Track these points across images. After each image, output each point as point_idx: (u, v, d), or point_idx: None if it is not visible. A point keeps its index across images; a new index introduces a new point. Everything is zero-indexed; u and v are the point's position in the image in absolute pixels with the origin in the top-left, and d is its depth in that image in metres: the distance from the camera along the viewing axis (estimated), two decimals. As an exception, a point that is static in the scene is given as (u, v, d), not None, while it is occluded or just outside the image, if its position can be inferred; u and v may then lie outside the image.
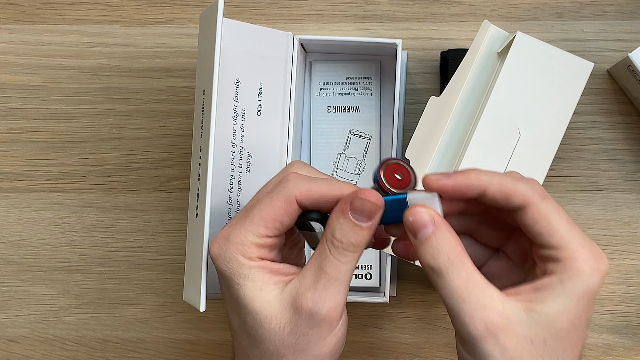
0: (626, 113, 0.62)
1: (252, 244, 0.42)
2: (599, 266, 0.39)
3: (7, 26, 0.65)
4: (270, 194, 0.43)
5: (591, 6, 0.62)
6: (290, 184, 0.43)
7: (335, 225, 0.42)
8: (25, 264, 0.64)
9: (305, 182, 0.43)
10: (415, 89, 0.63)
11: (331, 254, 0.41)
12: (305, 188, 0.42)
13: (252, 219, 0.43)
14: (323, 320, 0.41)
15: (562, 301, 0.39)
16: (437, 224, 0.40)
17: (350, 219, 0.41)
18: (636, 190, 0.61)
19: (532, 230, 0.40)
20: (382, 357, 0.62)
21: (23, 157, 0.64)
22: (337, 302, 0.42)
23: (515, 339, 0.39)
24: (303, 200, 0.42)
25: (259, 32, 0.57)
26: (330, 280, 0.41)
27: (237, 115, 0.56)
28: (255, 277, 0.42)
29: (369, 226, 0.42)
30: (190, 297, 0.48)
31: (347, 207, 0.42)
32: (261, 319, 0.42)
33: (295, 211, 0.43)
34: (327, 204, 0.43)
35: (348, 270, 0.42)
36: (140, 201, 0.64)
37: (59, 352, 0.64)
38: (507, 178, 0.41)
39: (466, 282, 0.39)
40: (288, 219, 0.43)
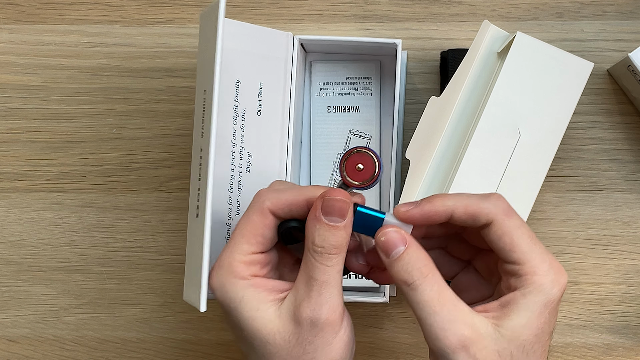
0: (626, 113, 0.62)
1: (240, 263, 0.43)
2: (559, 279, 0.42)
3: (7, 26, 0.65)
4: (246, 213, 0.45)
5: (591, 6, 0.62)
6: (260, 198, 0.44)
7: (313, 231, 0.43)
8: (25, 264, 0.64)
9: (274, 192, 0.44)
10: (415, 89, 0.63)
11: (316, 260, 0.42)
12: (275, 197, 0.44)
13: (234, 239, 0.44)
14: (325, 325, 0.42)
15: (525, 315, 0.41)
16: (408, 243, 0.42)
17: (325, 223, 0.42)
18: (636, 190, 0.61)
19: (496, 246, 0.42)
20: (382, 357, 0.62)
21: (23, 157, 0.64)
22: (334, 304, 0.42)
23: (485, 352, 0.41)
24: (275, 209, 0.44)
25: (259, 32, 0.57)
26: (322, 285, 0.42)
27: (238, 115, 0.56)
28: (251, 297, 0.43)
29: (344, 225, 0.43)
30: (190, 297, 0.48)
31: (319, 211, 0.43)
32: (265, 336, 0.43)
33: (271, 222, 0.44)
34: (298, 209, 0.44)
35: (336, 272, 0.43)
36: (140, 201, 0.64)
37: (59, 352, 0.64)
38: (471, 199, 0.43)
39: (438, 296, 0.41)
40: (267, 230, 0.44)
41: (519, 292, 0.41)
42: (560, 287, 0.42)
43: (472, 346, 0.40)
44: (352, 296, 0.57)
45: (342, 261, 0.43)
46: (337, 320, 0.43)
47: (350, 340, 0.44)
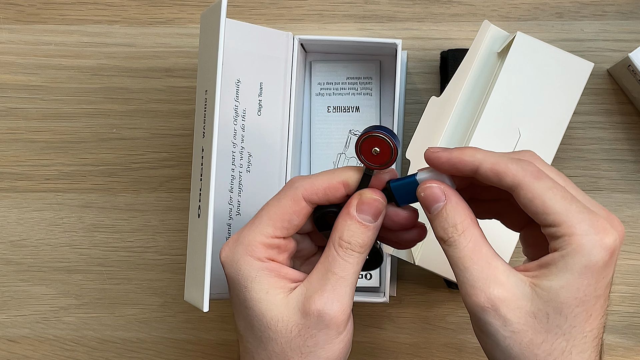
0: (626, 113, 0.62)
1: (260, 244, 0.43)
2: (601, 239, 0.38)
3: (7, 26, 0.65)
4: (277, 196, 0.44)
5: (591, 6, 0.62)
6: (295, 184, 0.44)
7: (343, 226, 0.42)
8: (25, 264, 0.64)
9: (308, 178, 0.44)
10: (415, 89, 0.63)
11: (339, 255, 0.42)
12: (309, 183, 0.43)
13: (261, 220, 0.43)
14: (331, 322, 0.42)
15: (564, 276, 0.38)
16: (447, 197, 0.41)
17: (357, 220, 0.42)
18: (636, 190, 0.61)
19: (530, 211, 0.40)
20: (382, 357, 0.62)
21: (23, 157, 0.64)
22: (345, 303, 0.42)
23: (518, 313, 0.39)
24: (309, 195, 0.43)
25: (259, 32, 0.57)
26: (339, 281, 0.42)
27: (238, 115, 0.56)
28: (262, 279, 0.43)
29: (375, 226, 0.42)
30: (192, 297, 0.48)
31: (354, 208, 0.42)
32: (267, 321, 0.42)
33: (302, 209, 0.43)
34: (334, 191, 0.43)
35: (355, 272, 0.42)
36: (140, 201, 0.64)
37: (59, 352, 0.64)
38: (501, 157, 0.41)
39: (472, 253, 0.40)
40: (296, 217, 0.43)
41: (557, 254, 0.39)
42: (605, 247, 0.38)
43: (502, 306, 0.39)
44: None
45: (362, 263, 0.43)
46: (344, 320, 0.42)
47: (350, 344, 0.44)
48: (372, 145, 0.42)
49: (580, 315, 0.39)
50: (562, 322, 0.39)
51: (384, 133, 0.42)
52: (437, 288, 0.62)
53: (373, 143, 0.42)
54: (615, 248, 0.39)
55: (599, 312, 0.40)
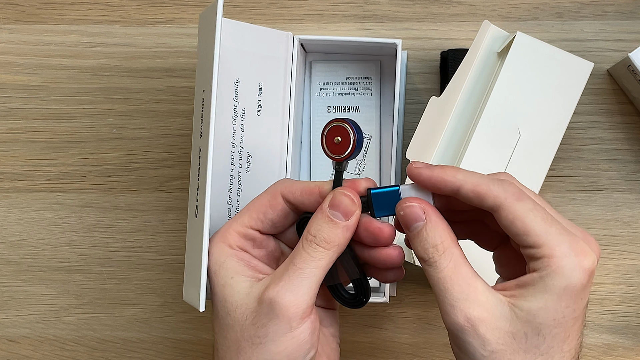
0: (626, 113, 0.62)
1: (234, 232, 0.44)
2: (581, 261, 0.39)
3: (7, 26, 0.65)
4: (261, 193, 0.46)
5: (591, 6, 0.62)
6: (277, 183, 0.45)
7: (312, 221, 0.43)
8: (25, 264, 0.64)
9: (289, 180, 0.45)
10: (415, 89, 0.63)
11: (302, 247, 0.42)
12: (289, 183, 0.45)
13: (241, 212, 0.45)
14: (281, 312, 0.41)
15: (542, 297, 0.39)
16: (428, 216, 0.41)
17: (327, 215, 0.42)
18: (636, 190, 0.61)
19: (510, 232, 0.40)
20: (382, 357, 0.62)
21: (23, 157, 0.64)
22: (300, 296, 0.41)
23: (497, 333, 0.39)
24: (286, 192, 0.44)
25: (259, 32, 0.57)
26: (296, 272, 0.41)
27: (237, 115, 0.56)
28: (230, 265, 0.44)
29: (345, 226, 0.42)
30: (190, 297, 0.48)
31: (326, 203, 0.43)
32: (228, 307, 0.43)
33: (279, 204, 0.44)
34: (309, 196, 0.44)
35: (316, 267, 0.42)
36: (140, 201, 0.64)
37: (59, 352, 0.64)
38: (482, 179, 0.41)
39: (452, 273, 0.40)
40: (271, 210, 0.44)
41: (536, 274, 0.39)
42: (584, 269, 0.39)
43: (481, 326, 0.39)
44: (352, 296, 0.57)
45: (327, 261, 0.42)
46: (297, 314, 0.41)
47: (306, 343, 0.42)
48: (335, 134, 0.43)
49: (558, 336, 0.39)
50: (540, 342, 0.39)
51: (348, 122, 0.42)
52: (437, 288, 0.62)
53: (336, 132, 0.43)
54: (593, 270, 0.40)
55: (577, 333, 0.40)
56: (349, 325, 0.62)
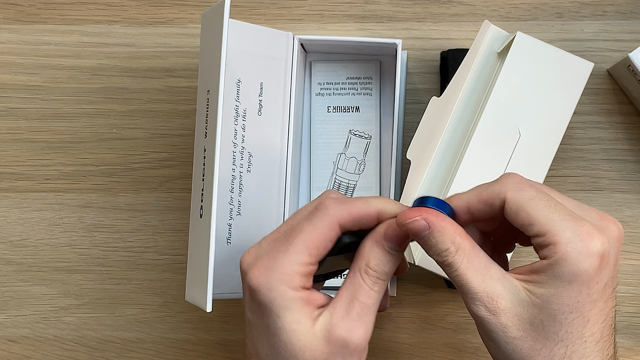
0: (626, 113, 0.62)
1: (297, 274, 0.42)
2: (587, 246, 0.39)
3: (7, 26, 0.65)
4: (312, 220, 0.43)
5: (591, 6, 0.62)
6: (330, 210, 0.43)
7: (370, 254, 0.42)
8: (25, 264, 0.64)
9: (343, 205, 0.43)
10: (415, 89, 0.63)
11: (365, 283, 0.42)
12: (346, 211, 0.43)
13: (296, 248, 0.42)
14: (355, 350, 0.42)
15: (553, 284, 0.39)
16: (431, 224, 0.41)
17: (385, 248, 0.42)
18: (636, 190, 0.61)
19: (517, 224, 0.40)
20: (382, 357, 0.62)
21: (23, 157, 0.64)
22: (369, 330, 0.42)
23: (517, 320, 0.40)
24: (345, 223, 0.43)
25: (259, 32, 0.57)
26: (364, 309, 0.42)
27: (238, 115, 0.56)
28: (295, 309, 0.42)
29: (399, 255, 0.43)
30: (193, 297, 0.48)
31: (381, 236, 0.42)
32: (296, 350, 0.42)
33: (337, 235, 0.43)
34: (369, 221, 0.43)
35: (379, 300, 0.43)
36: (140, 201, 0.64)
37: (59, 352, 0.64)
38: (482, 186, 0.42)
39: (466, 269, 0.41)
40: (330, 243, 0.43)
41: (545, 262, 0.39)
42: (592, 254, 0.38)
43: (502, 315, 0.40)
44: (353, 296, 0.57)
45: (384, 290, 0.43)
46: (366, 347, 0.42)
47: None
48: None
49: (575, 321, 0.39)
50: (557, 328, 0.39)
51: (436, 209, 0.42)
52: (437, 288, 0.62)
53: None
54: (605, 252, 0.39)
55: (599, 315, 0.40)
56: (349, 325, 0.62)
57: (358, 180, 0.61)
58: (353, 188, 0.61)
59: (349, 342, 0.41)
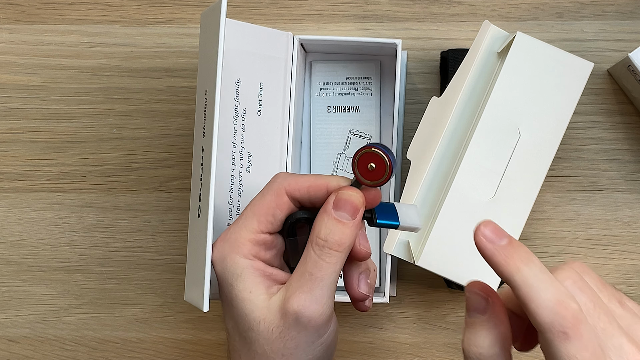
0: (626, 113, 0.62)
1: (247, 240, 0.43)
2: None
3: (7, 26, 0.65)
4: (261, 192, 0.44)
5: (591, 6, 0.62)
6: (278, 179, 0.44)
7: (320, 224, 0.42)
8: (25, 264, 0.64)
9: (292, 176, 0.44)
10: (415, 89, 0.63)
11: (316, 254, 0.42)
12: (292, 178, 0.44)
13: (246, 216, 0.44)
14: (309, 324, 0.41)
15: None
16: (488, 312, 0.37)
17: (334, 217, 0.42)
18: (636, 190, 0.61)
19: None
20: (382, 357, 0.62)
21: (23, 157, 0.64)
22: (323, 304, 0.42)
23: None
24: (292, 190, 0.43)
25: (259, 32, 0.57)
26: (315, 281, 0.41)
27: (238, 115, 0.56)
28: (247, 278, 0.43)
29: (353, 224, 0.42)
30: (192, 297, 0.48)
31: (330, 205, 0.42)
32: (250, 321, 0.42)
33: (285, 203, 0.44)
34: (316, 191, 0.43)
35: (333, 272, 0.42)
36: (140, 201, 0.64)
37: (59, 352, 0.64)
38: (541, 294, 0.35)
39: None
40: (279, 211, 0.44)
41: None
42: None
43: None
44: (352, 296, 0.57)
45: (341, 263, 0.42)
46: (323, 321, 0.42)
47: (333, 345, 0.44)
48: (368, 161, 0.43)
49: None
50: None
51: (383, 150, 0.42)
52: (437, 288, 0.62)
53: (370, 159, 0.43)
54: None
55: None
56: (349, 325, 0.62)
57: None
58: (353, 188, 0.61)
59: (300, 315, 0.41)
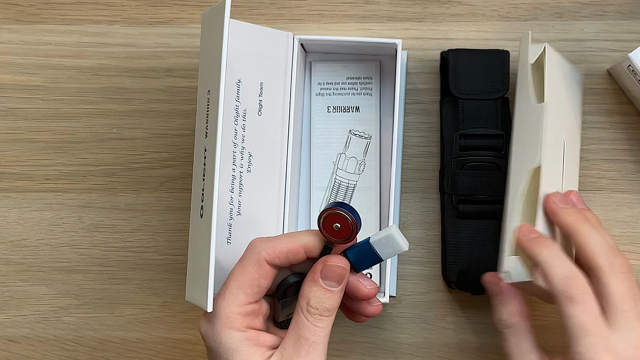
0: (626, 113, 0.62)
1: (237, 314, 0.45)
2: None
3: (7, 26, 0.65)
4: (241, 262, 0.46)
5: (591, 6, 0.62)
6: (256, 248, 0.46)
7: (310, 294, 0.45)
8: (25, 264, 0.64)
9: (268, 242, 0.46)
10: (415, 89, 0.63)
11: (308, 321, 0.45)
12: (270, 247, 0.46)
13: (231, 290, 0.46)
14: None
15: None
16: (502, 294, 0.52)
17: (322, 286, 0.45)
18: (636, 190, 0.61)
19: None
20: (382, 357, 0.62)
21: (23, 157, 0.64)
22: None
23: None
24: (272, 258, 0.46)
25: (259, 32, 0.57)
26: (312, 346, 0.44)
27: (239, 115, 0.56)
28: (243, 351, 0.45)
29: (340, 289, 0.45)
30: (194, 297, 0.48)
31: (318, 275, 0.45)
32: None
33: (268, 272, 0.46)
34: (295, 255, 0.46)
35: (326, 335, 0.45)
36: (140, 201, 0.64)
37: (59, 352, 0.64)
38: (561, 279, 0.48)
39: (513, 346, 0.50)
40: (264, 280, 0.46)
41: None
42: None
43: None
44: (353, 296, 0.57)
45: (331, 324, 0.45)
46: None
47: None
48: (333, 221, 0.45)
49: None
50: None
51: (344, 210, 0.44)
52: (437, 288, 0.62)
53: (334, 219, 0.45)
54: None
55: None
56: (349, 325, 0.62)
57: (358, 180, 0.61)
58: (353, 188, 0.61)
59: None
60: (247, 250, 0.47)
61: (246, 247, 0.47)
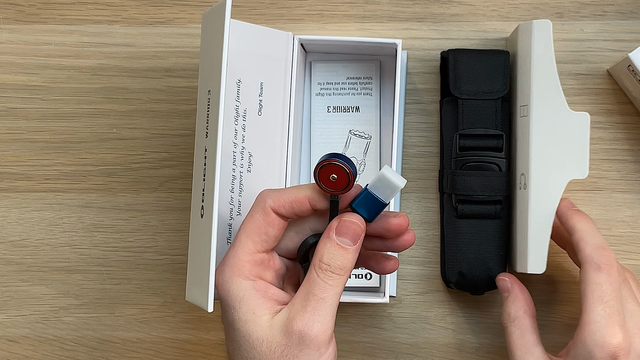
0: (626, 113, 0.62)
1: (246, 262, 0.45)
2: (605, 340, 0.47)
3: (7, 26, 0.65)
4: (250, 212, 0.47)
5: (591, 6, 0.62)
6: (263, 197, 0.46)
7: (323, 250, 0.45)
8: (25, 264, 0.64)
9: (275, 191, 0.46)
10: (415, 89, 0.63)
11: (319, 277, 0.44)
12: (276, 196, 0.46)
13: (239, 239, 0.46)
14: (312, 342, 0.43)
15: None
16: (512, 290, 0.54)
17: (337, 243, 0.45)
18: (636, 190, 0.62)
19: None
20: (382, 357, 0.62)
21: (23, 157, 0.64)
22: (326, 324, 0.44)
23: None
24: (277, 207, 0.46)
25: (259, 32, 0.57)
26: (319, 302, 0.44)
27: (239, 115, 0.56)
28: (250, 300, 0.45)
29: (355, 249, 0.45)
30: (194, 297, 0.48)
31: (333, 232, 0.45)
32: (253, 341, 0.44)
33: (275, 220, 0.46)
34: (300, 205, 0.46)
35: (336, 294, 0.44)
36: (140, 201, 0.64)
37: (59, 352, 0.64)
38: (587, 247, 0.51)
39: (517, 339, 0.52)
40: (271, 228, 0.46)
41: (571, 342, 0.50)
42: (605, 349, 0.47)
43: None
44: (352, 296, 0.57)
45: (343, 285, 0.45)
46: (325, 340, 0.44)
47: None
48: (329, 172, 0.45)
49: None
50: None
51: (340, 160, 0.44)
52: (437, 288, 0.62)
53: (330, 170, 0.45)
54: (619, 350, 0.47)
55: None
56: (349, 325, 0.62)
57: (358, 180, 0.61)
58: (353, 188, 0.61)
59: (304, 334, 0.43)
60: (255, 201, 0.47)
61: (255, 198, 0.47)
